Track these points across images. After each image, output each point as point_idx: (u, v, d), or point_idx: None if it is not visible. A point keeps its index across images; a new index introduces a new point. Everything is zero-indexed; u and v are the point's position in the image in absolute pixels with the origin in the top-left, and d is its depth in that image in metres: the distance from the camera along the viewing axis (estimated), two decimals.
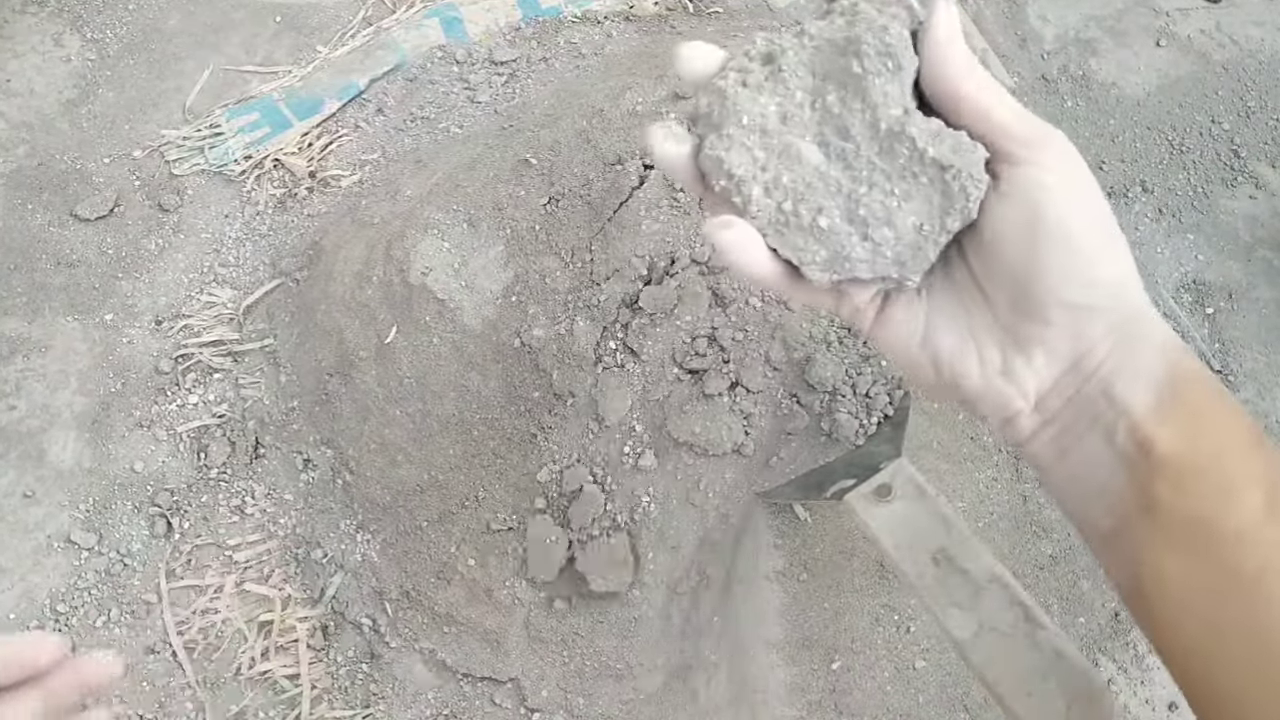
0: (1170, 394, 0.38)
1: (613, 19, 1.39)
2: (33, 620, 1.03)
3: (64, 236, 1.22)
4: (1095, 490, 0.40)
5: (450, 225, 1.08)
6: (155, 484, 1.10)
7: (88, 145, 1.29)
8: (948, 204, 0.39)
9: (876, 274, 0.40)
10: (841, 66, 0.39)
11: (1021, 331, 0.39)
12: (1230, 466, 0.38)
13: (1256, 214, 1.34)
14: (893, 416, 1.02)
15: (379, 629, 1.05)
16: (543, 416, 1.02)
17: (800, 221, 0.40)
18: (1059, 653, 0.80)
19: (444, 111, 1.31)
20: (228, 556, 1.07)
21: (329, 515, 1.09)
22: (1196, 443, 0.38)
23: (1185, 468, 0.37)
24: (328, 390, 1.11)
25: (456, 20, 1.38)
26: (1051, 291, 0.38)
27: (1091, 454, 0.40)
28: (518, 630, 1.02)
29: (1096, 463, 0.40)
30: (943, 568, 0.86)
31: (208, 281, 1.21)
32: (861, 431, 1.00)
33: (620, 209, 1.02)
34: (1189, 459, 0.37)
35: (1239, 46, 1.45)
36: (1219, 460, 0.38)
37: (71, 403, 1.13)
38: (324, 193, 1.26)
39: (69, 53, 1.36)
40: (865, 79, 0.38)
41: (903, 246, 0.40)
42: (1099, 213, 0.38)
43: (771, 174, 0.40)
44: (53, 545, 1.06)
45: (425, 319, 1.06)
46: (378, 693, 1.03)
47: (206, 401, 1.14)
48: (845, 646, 1.07)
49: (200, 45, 1.37)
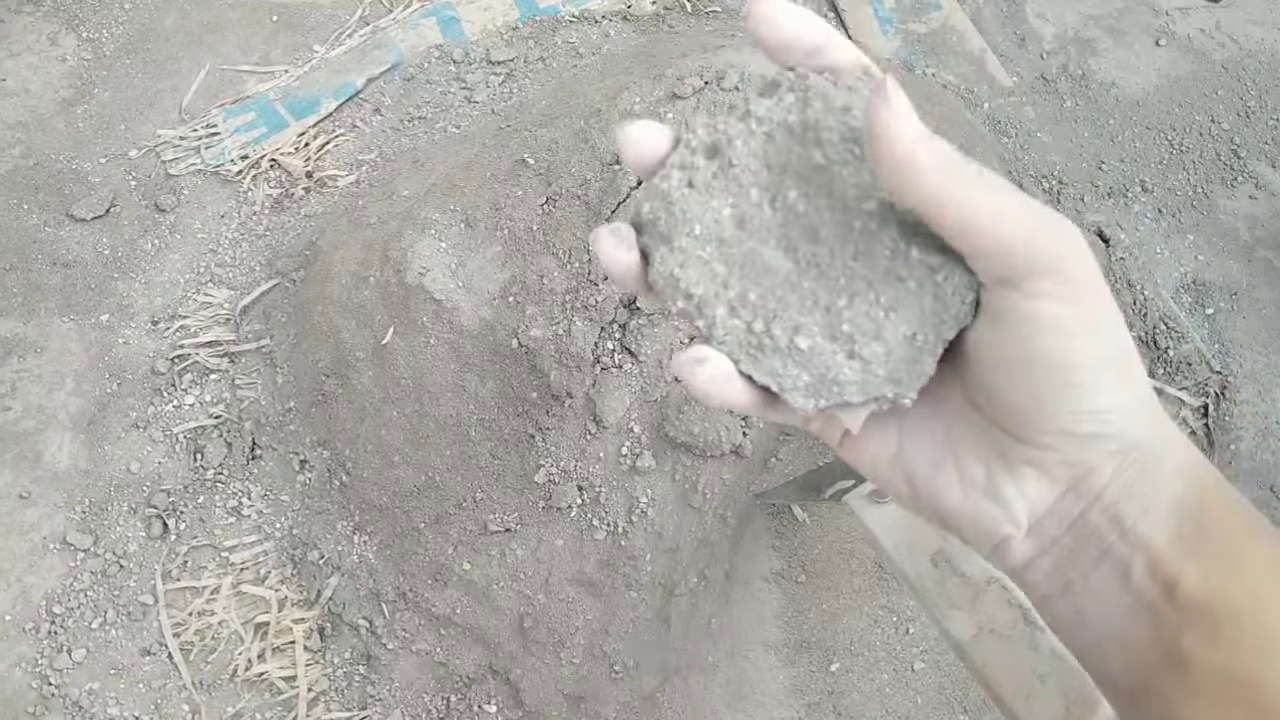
0: (1193, 525, 0.33)
1: (610, 18, 1.39)
2: (28, 622, 1.02)
3: (60, 237, 1.22)
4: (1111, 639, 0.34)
5: (447, 225, 1.08)
6: (151, 485, 1.09)
7: (84, 145, 1.28)
8: (941, 308, 0.33)
9: (869, 395, 0.35)
10: (800, 156, 0.33)
11: (1010, 451, 0.34)
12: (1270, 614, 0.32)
13: (1256, 214, 1.33)
14: None
15: (376, 631, 1.04)
16: (540, 417, 1.02)
17: (776, 343, 0.34)
18: (1058, 654, 0.80)
19: (441, 111, 1.31)
20: (224, 558, 1.07)
21: (326, 516, 1.09)
22: (1230, 584, 0.32)
23: (1219, 615, 0.32)
24: (324, 391, 1.11)
25: (453, 20, 1.38)
26: (1047, 420, 0.32)
27: (1103, 594, 0.34)
28: (514, 632, 1.02)
29: (1110, 605, 0.34)
30: (941, 569, 0.86)
31: (204, 282, 1.21)
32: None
33: (618, 209, 1.01)
34: (1223, 604, 0.32)
35: (1239, 46, 1.45)
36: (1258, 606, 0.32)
37: (67, 403, 1.13)
38: (321, 193, 1.26)
39: (65, 52, 1.35)
40: (830, 169, 0.33)
41: (895, 361, 0.34)
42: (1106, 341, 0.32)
43: (736, 290, 0.34)
44: (49, 546, 1.06)
45: (422, 319, 1.05)
46: (374, 694, 1.02)
47: (203, 402, 1.14)
48: (844, 648, 1.06)
49: (196, 45, 1.37)
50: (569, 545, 1.00)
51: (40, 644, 1.01)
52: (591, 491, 0.99)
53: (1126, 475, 0.33)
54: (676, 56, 1.13)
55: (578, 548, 1.00)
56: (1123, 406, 0.33)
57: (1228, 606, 0.32)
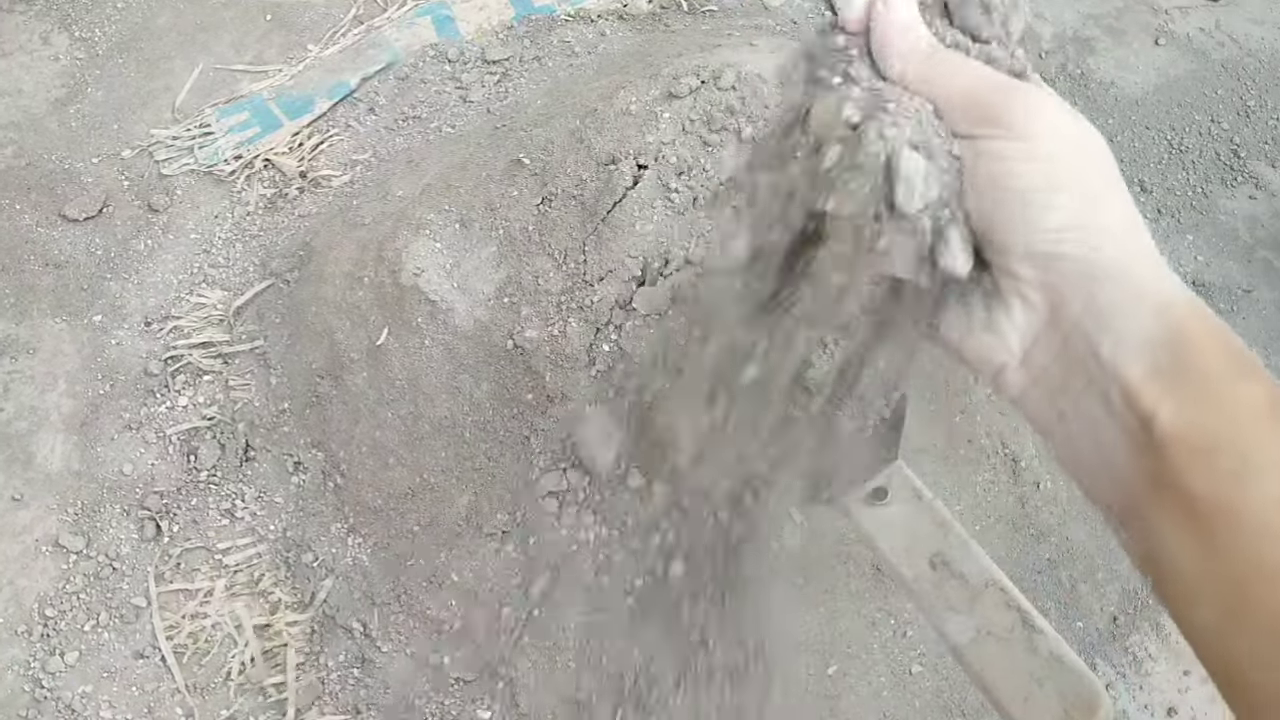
0: (1170, 359, 0.34)
1: (606, 17, 1.38)
2: (20, 625, 1.02)
3: (52, 237, 1.21)
4: (1102, 467, 0.37)
5: (442, 226, 1.07)
6: (144, 487, 1.09)
7: (76, 145, 1.28)
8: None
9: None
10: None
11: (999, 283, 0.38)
12: (1246, 445, 0.33)
13: (1256, 214, 1.33)
14: (889, 419, 1.01)
15: (370, 634, 1.04)
16: (535, 419, 1.01)
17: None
18: (1057, 657, 0.80)
19: (436, 111, 1.30)
20: (217, 560, 1.06)
21: (320, 519, 1.08)
22: (1205, 418, 0.34)
23: (1194, 446, 0.33)
24: (318, 393, 1.10)
25: (448, 18, 1.37)
26: (1014, 238, 0.36)
27: (1091, 421, 0.37)
28: (509, 634, 1.01)
29: (1098, 432, 0.37)
30: (939, 572, 0.85)
31: (197, 282, 1.20)
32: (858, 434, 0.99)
33: (614, 209, 1.01)
34: (1199, 437, 0.33)
35: (1239, 45, 1.45)
36: (1233, 437, 0.33)
37: (60, 405, 1.12)
38: (315, 193, 1.25)
39: (57, 51, 1.35)
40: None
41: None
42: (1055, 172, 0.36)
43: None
44: (41, 549, 1.05)
45: (417, 320, 1.05)
46: (368, 698, 1.02)
47: (196, 404, 1.13)
48: (841, 651, 1.06)
49: (190, 44, 1.36)
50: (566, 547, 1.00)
51: (33, 647, 1.01)
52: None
53: (1100, 305, 0.36)
54: (673, 56, 1.12)
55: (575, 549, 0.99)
56: (1079, 228, 0.36)
57: (1203, 440, 0.33)
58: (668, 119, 0.99)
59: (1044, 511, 1.15)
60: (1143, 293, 0.35)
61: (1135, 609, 1.14)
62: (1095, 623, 1.12)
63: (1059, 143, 0.37)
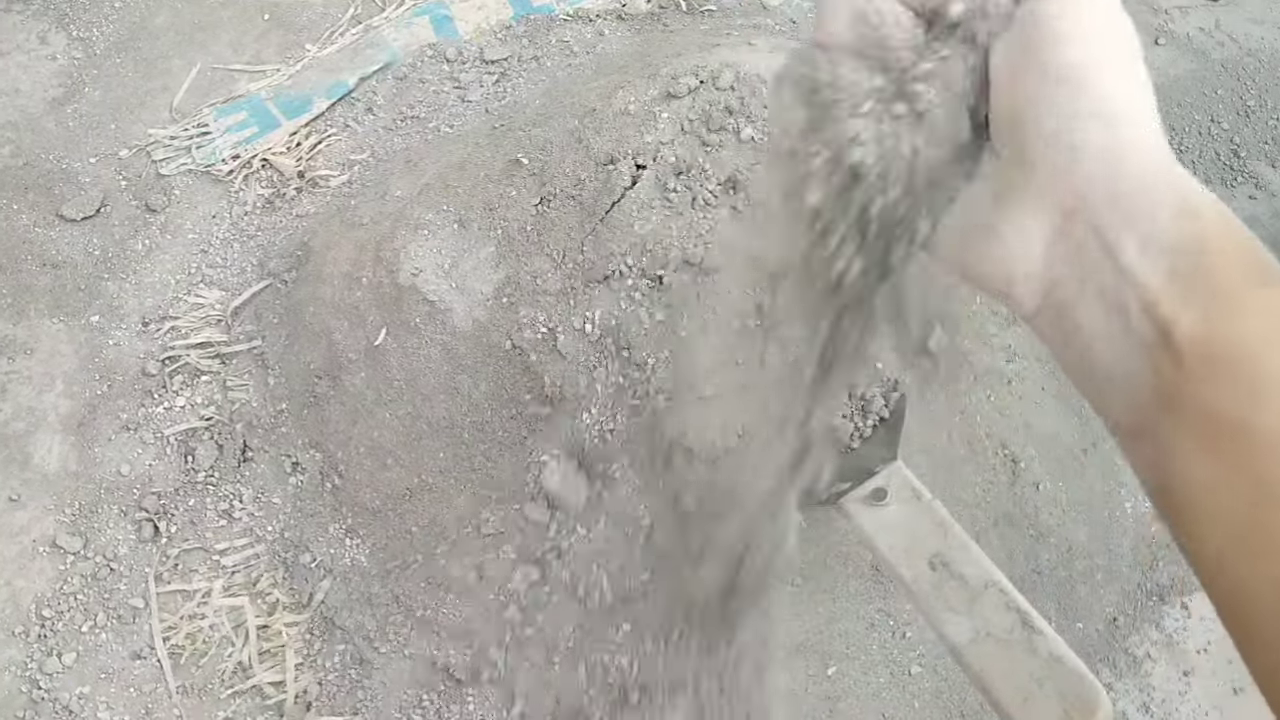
0: (1192, 266, 0.33)
1: (605, 17, 1.38)
2: (18, 625, 1.01)
3: (49, 237, 1.21)
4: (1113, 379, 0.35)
5: (440, 226, 1.07)
6: (142, 487, 1.08)
7: (74, 145, 1.27)
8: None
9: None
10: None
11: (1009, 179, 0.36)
12: (1268, 360, 0.31)
13: (1256, 214, 1.33)
14: (888, 420, 1.00)
15: (368, 634, 1.04)
16: (534, 419, 1.01)
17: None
18: (1056, 658, 0.79)
19: (434, 110, 1.30)
20: (215, 561, 1.06)
21: (317, 519, 1.08)
22: (1226, 329, 0.32)
23: (1213, 358, 0.32)
24: (316, 393, 1.10)
25: (447, 18, 1.37)
26: (1032, 123, 0.35)
27: (1104, 333, 0.35)
28: (507, 635, 1.01)
29: (1111, 345, 0.35)
30: (939, 572, 0.85)
31: (195, 283, 1.20)
32: (857, 435, 0.99)
33: (612, 209, 1.01)
34: (1219, 348, 0.32)
35: (1238, 45, 1.44)
36: (1254, 351, 0.32)
37: (57, 405, 1.12)
38: (313, 193, 1.25)
39: (54, 51, 1.34)
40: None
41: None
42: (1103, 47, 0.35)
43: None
44: (38, 550, 1.05)
45: (415, 320, 1.04)
46: (366, 699, 1.01)
47: (194, 404, 1.13)
48: (840, 652, 1.06)
49: (188, 43, 1.36)
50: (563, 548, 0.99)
51: (30, 648, 1.01)
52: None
53: (1121, 210, 0.34)
54: (671, 56, 1.12)
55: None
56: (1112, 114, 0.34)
57: (1224, 351, 0.32)
58: (666, 119, 0.99)
59: (1044, 512, 1.15)
60: (1166, 199, 0.34)
61: (1135, 610, 1.14)
62: (1094, 624, 1.12)
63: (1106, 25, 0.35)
